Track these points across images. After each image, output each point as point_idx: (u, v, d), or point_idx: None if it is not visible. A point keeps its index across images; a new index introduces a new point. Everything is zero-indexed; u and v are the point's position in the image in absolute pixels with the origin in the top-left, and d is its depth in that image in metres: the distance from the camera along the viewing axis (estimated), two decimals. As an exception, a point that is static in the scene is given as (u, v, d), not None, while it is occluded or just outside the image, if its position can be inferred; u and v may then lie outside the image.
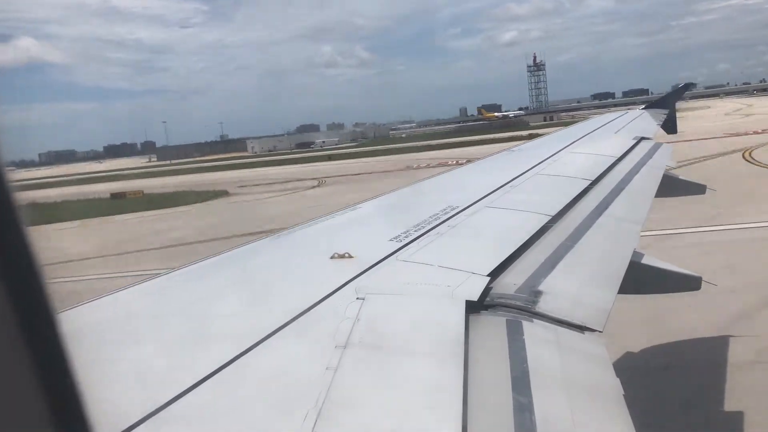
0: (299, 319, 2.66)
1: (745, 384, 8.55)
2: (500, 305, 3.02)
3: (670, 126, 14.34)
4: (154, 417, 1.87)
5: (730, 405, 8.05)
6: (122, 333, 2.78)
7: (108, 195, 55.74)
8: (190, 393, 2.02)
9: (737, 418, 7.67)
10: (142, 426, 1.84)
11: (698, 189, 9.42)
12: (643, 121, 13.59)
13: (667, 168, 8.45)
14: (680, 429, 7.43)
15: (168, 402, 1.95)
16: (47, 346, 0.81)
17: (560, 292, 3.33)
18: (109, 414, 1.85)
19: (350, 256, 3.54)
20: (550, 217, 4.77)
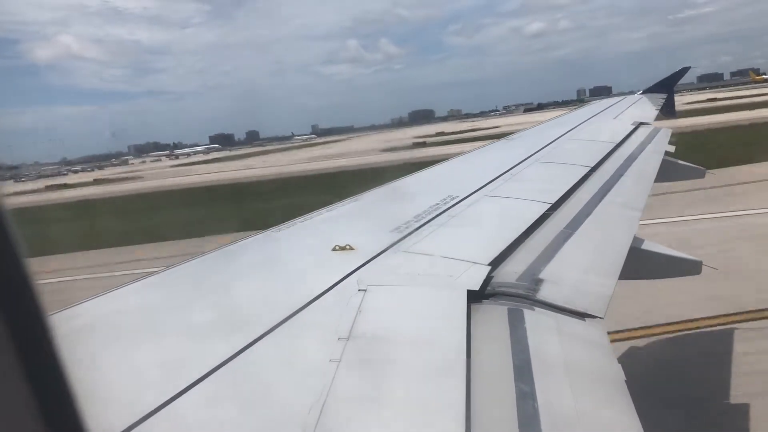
0: (302, 311, 2.67)
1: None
2: (501, 294, 3.03)
3: (668, 110, 14.30)
4: (162, 409, 1.89)
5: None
6: (129, 327, 2.80)
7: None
8: (196, 386, 2.04)
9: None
10: (154, 416, 1.86)
11: (697, 173, 9.41)
12: (641, 105, 13.56)
13: (667, 153, 8.45)
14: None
15: (175, 395, 1.97)
16: (39, 350, 0.81)
17: (561, 279, 3.34)
18: (115, 407, 1.87)
19: (351, 248, 3.55)
20: (550, 205, 4.78)
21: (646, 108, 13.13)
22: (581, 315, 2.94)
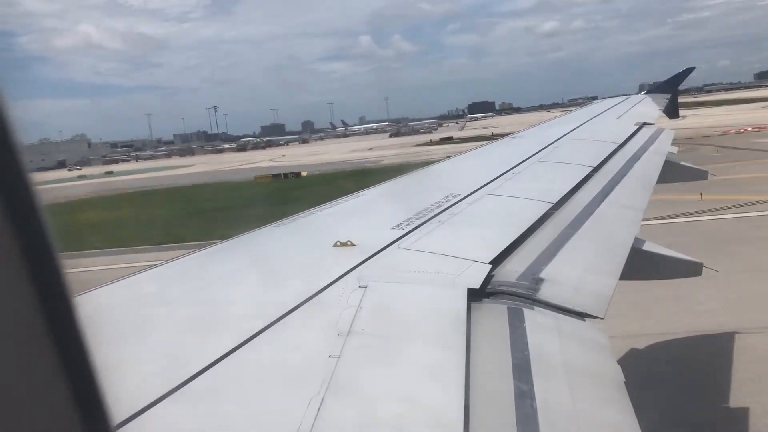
0: (302, 307, 2.68)
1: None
2: (502, 293, 3.04)
3: (672, 110, 14.28)
4: (164, 400, 1.90)
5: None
6: (130, 320, 2.80)
7: None
8: (194, 381, 2.04)
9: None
10: (154, 407, 1.86)
11: (700, 175, 9.40)
12: (645, 106, 13.54)
13: (669, 154, 8.44)
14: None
15: (175, 388, 1.97)
16: (65, 330, 0.83)
17: (561, 279, 3.35)
18: (124, 395, 1.88)
19: (352, 245, 3.55)
20: (552, 205, 4.78)
21: (649, 108, 13.11)
22: (581, 315, 2.94)
